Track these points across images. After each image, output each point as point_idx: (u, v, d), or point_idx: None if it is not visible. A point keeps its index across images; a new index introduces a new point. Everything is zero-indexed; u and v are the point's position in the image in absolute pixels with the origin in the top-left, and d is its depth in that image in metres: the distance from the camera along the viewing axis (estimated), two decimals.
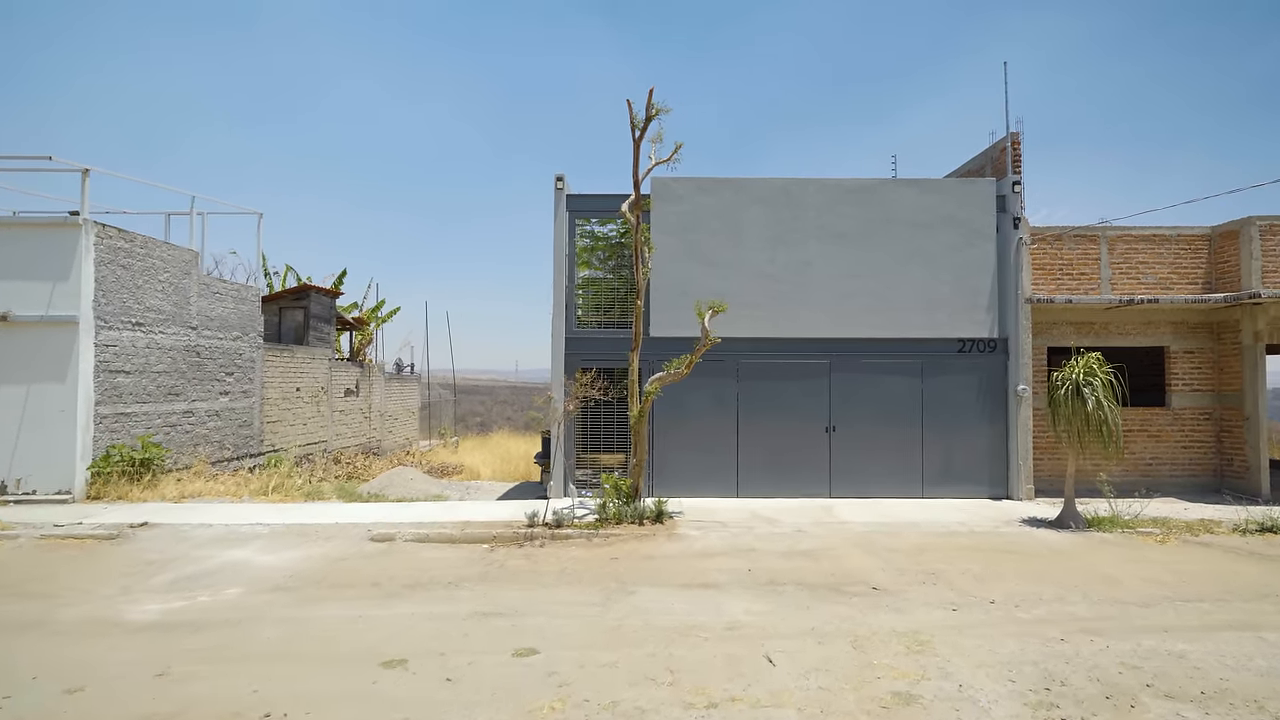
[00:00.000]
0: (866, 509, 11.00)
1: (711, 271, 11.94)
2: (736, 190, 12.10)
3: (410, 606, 6.43)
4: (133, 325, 12.83)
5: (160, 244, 13.61)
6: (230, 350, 15.68)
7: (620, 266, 12.40)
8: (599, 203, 12.07)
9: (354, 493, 12.28)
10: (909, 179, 12.17)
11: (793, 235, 12.09)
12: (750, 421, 11.95)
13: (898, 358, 12.03)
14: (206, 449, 14.69)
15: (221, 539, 9.18)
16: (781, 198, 12.12)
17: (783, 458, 11.91)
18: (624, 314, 12.20)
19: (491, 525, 9.80)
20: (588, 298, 12.25)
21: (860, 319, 12.02)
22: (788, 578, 7.42)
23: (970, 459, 11.94)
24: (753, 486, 11.87)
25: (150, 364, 13.22)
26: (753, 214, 12.11)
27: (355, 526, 9.80)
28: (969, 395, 12.03)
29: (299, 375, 18.89)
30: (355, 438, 22.70)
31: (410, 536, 9.29)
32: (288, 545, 8.88)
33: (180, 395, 14.04)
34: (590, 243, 12.37)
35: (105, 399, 12.20)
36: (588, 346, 11.94)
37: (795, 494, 11.83)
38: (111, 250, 12.38)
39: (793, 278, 12.06)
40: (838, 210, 12.10)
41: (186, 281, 14.32)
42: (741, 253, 12.08)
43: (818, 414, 11.99)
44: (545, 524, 9.66)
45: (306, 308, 19.90)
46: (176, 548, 8.75)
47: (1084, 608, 6.30)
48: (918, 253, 12.08)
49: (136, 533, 9.40)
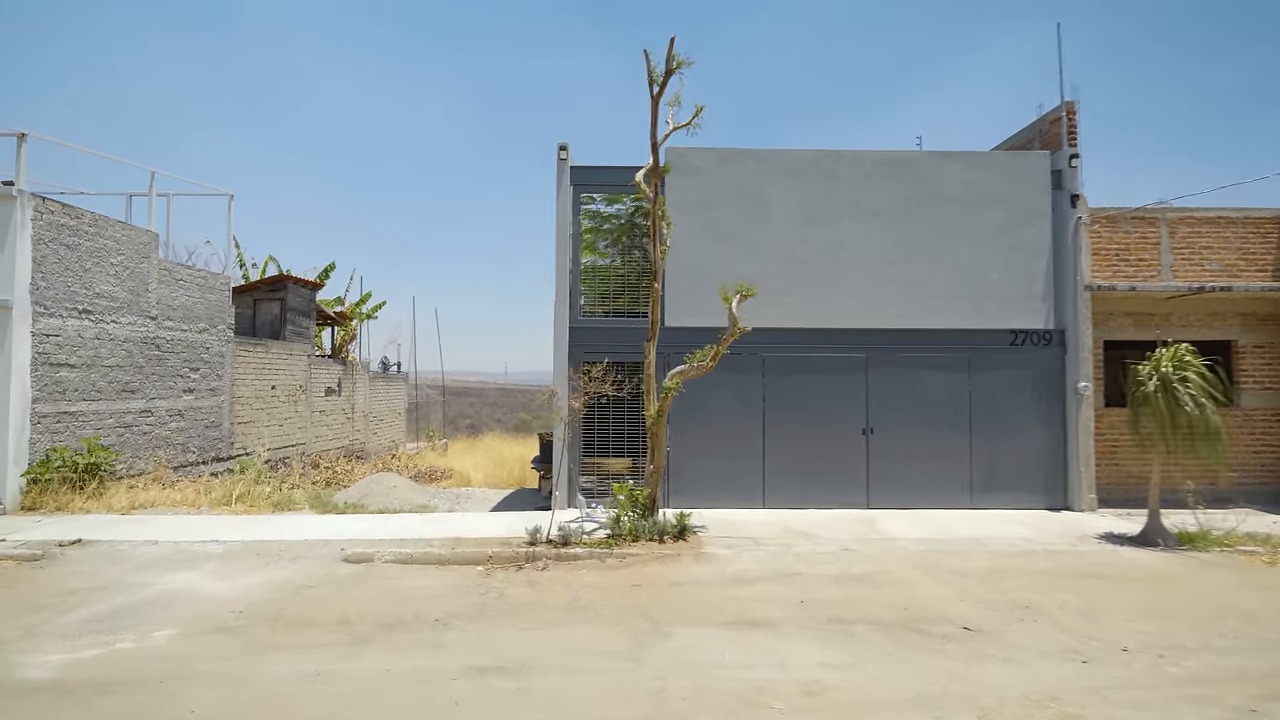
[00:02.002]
0: (912, 522, 9.70)
1: (733, 253, 10.61)
2: (761, 162, 10.79)
3: (385, 658, 5.04)
4: (79, 313, 11.35)
5: (113, 223, 12.14)
6: (196, 343, 14.19)
7: (631, 248, 11.04)
8: (607, 175, 10.71)
9: (329, 503, 10.85)
10: (953, 151, 10.90)
11: (825, 213, 10.79)
12: (777, 423, 10.62)
13: (942, 351, 10.74)
14: (168, 452, 13.21)
15: (166, 560, 7.75)
16: (812, 171, 10.82)
17: (814, 463, 10.59)
18: (634, 301, 10.86)
19: (486, 542, 8.41)
20: (594, 284, 10.88)
21: (900, 307, 10.73)
22: (852, 613, 6.08)
23: (1023, 465, 10.67)
24: (780, 496, 10.54)
25: (100, 357, 11.74)
26: (780, 189, 10.80)
27: (327, 544, 8.38)
28: (1021, 393, 10.75)
29: (274, 372, 17.40)
30: (337, 440, 21.21)
31: (391, 557, 7.89)
32: (244, 568, 7.46)
33: (137, 393, 12.56)
34: (595, 224, 11.00)
35: (45, 396, 10.71)
36: (594, 338, 10.57)
37: (828, 504, 10.51)
38: (53, 227, 10.90)
39: (825, 261, 10.75)
40: (875, 185, 10.81)
41: (145, 266, 12.84)
42: (767, 232, 10.76)
43: (853, 414, 10.68)
44: (549, 541, 8.29)
45: (283, 300, 18.41)
46: (110, 572, 7.31)
47: (1245, 658, 5.00)
48: (964, 234, 10.81)
49: (65, 552, 7.94)
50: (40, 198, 10.67)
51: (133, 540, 8.44)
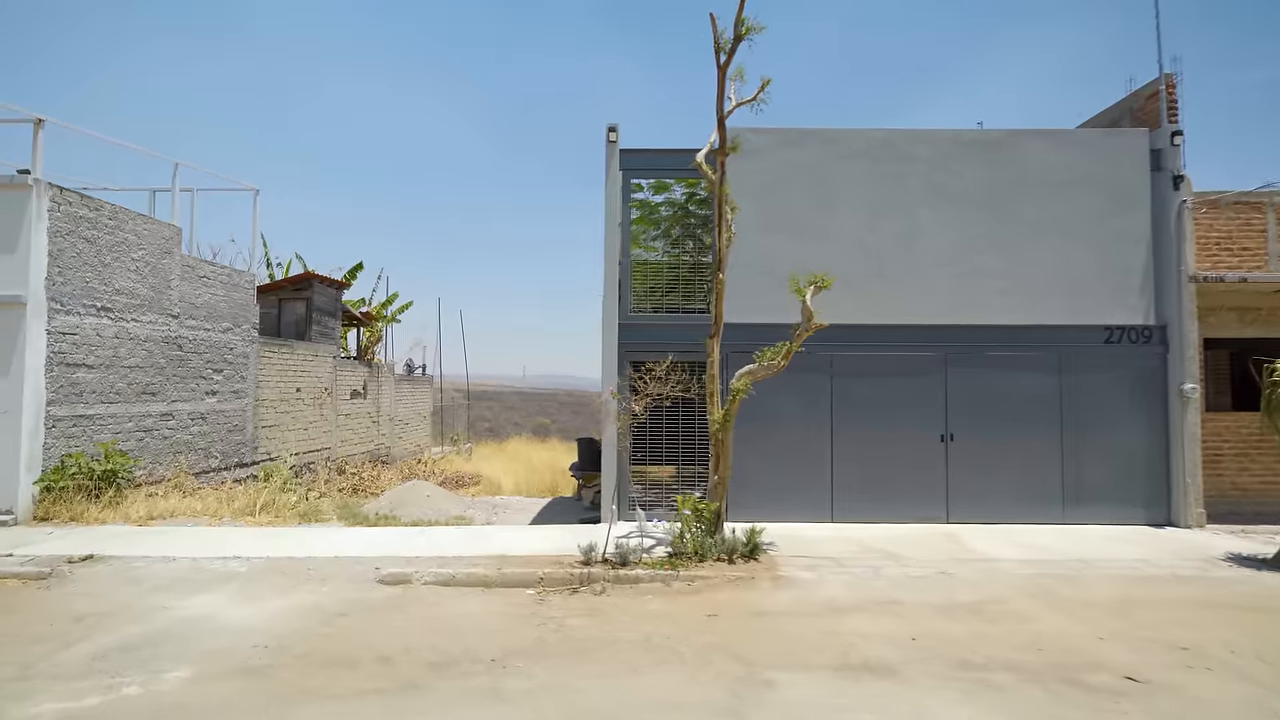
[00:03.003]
0: (1003, 539, 8.70)
1: (796, 243, 9.69)
2: (827, 143, 9.87)
3: (438, 712, 4.19)
4: (97, 310, 10.71)
5: (134, 216, 11.51)
6: (219, 343, 13.55)
7: (683, 238, 10.17)
8: (661, 159, 9.86)
9: (359, 513, 10.08)
10: (1040, 129, 9.90)
11: (897, 198, 9.84)
12: (846, 429, 9.67)
13: (1029, 349, 9.73)
14: (189, 458, 12.55)
15: (184, 580, 6.99)
16: (883, 152, 9.88)
17: (887, 474, 9.63)
18: (686, 296, 9.98)
19: (535, 561, 7.57)
20: (642, 278, 10.02)
21: (982, 302, 9.74)
22: (980, 654, 5.14)
23: (1120, 475, 9.61)
24: (850, 509, 9.59)
25: (120, 357, 11.09)
26: (847, 172, 9.87)
27: (359, 562, 7.58)
28: (1117, 396, 9.71)
29: (300, 374, 16.76)
30: (362, 444, 20.56)
31: (431, 578, 7.06)
32: (270, 590, 6.67)
33: (158, 395, 11.91)
34: (642, 213, 10.15)
35: (61, 398, 10.06)
36: (644, 335, 9.70)
37: (903, 518, 9.53)
38: (71, 219, 10.27)
39: (898, 251, 9.80)
40: (952, 168, 9.84)
41: (167, 262, 12.21)
42: (834, 220, 9.83)
43: (930, 419, 9.70)
44: (605, 560, 7.42)
45: (309, 299, 17.78)
46: (121, 594, 6.56)
47: None
48: (1053, 220, 9.79)
49: (75, 571, 7.21)
50: (58, 188, 10.04)
51: (149, 556, 7.70)
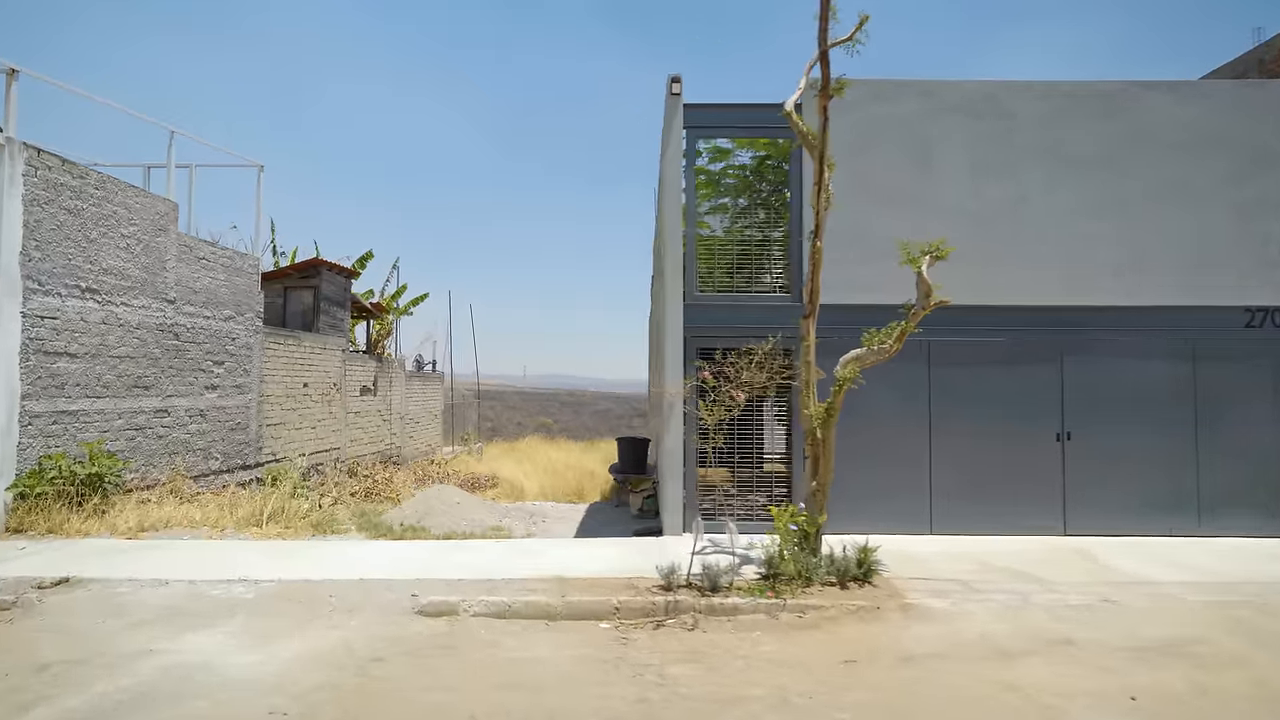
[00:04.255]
0: (1144, 555, 7.40)
1: (888, 211, 8.39)
2: (926, 96, 8.56)
3: None
4: (82, 291, 9.40)
5: (124, 186, 10.20)
6: (220, 333, 12.24)
7: (755, 206, 8.86)
8: (731, 115, 8.55)
9: (380, 523, 8.77)
10: (1164, 81, 8.59)
11: (1003, 159, 8.53)
12: (947, 426, 8.37)
13: (1157, 334, 8.43)
14: (186, 459, 11.24)
15: (178, 610, 5.68)
16: (986, 108, 8.57)
17: (993, 477, 8.33)
18: (759, 273, 8.69)
19: (601, 585, 6.26)
20: (705, 254, 8.70)
21: (1102, 280, 8.43)
22: None
23: (1267, 479, 8.30)
24: (951, 518, 8.29)
25: (107, 345, 9.78)
26: (946, 130, 8.56)
27: (390, 586, 6.27)
28: (1261, 387, 8.40)
29: (307, 368, 15.46)
30: (372, 444, 19.26)
31: (482, 608, 5.75)
32: (284, 625, 5.36)
33: (152, 389, 10.60)
34: (706, 179, 8.83)
35: (38, 391, 8.75)
36: (714, 318, 8.40)
37: (1012, 529, 8.23)
38: (50, 186, 8.96)
39: (1003, 219, 8.49)
40: (1066, 125, 8.54)
41: (162, 241, 10.90)
42: (930, 184, 8.53)
43: (1042, 414, 8.40)
44: (689, 584, 6.11)
45: (317, 288, 16.48)
46: (100, 631, 5.25)
47: None
48: (1181, 185, 8.49)
49: (45, 599, 5.90)
50: (34, 148, 8.73)
51: (137, 579, 6.38)
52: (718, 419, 6.44)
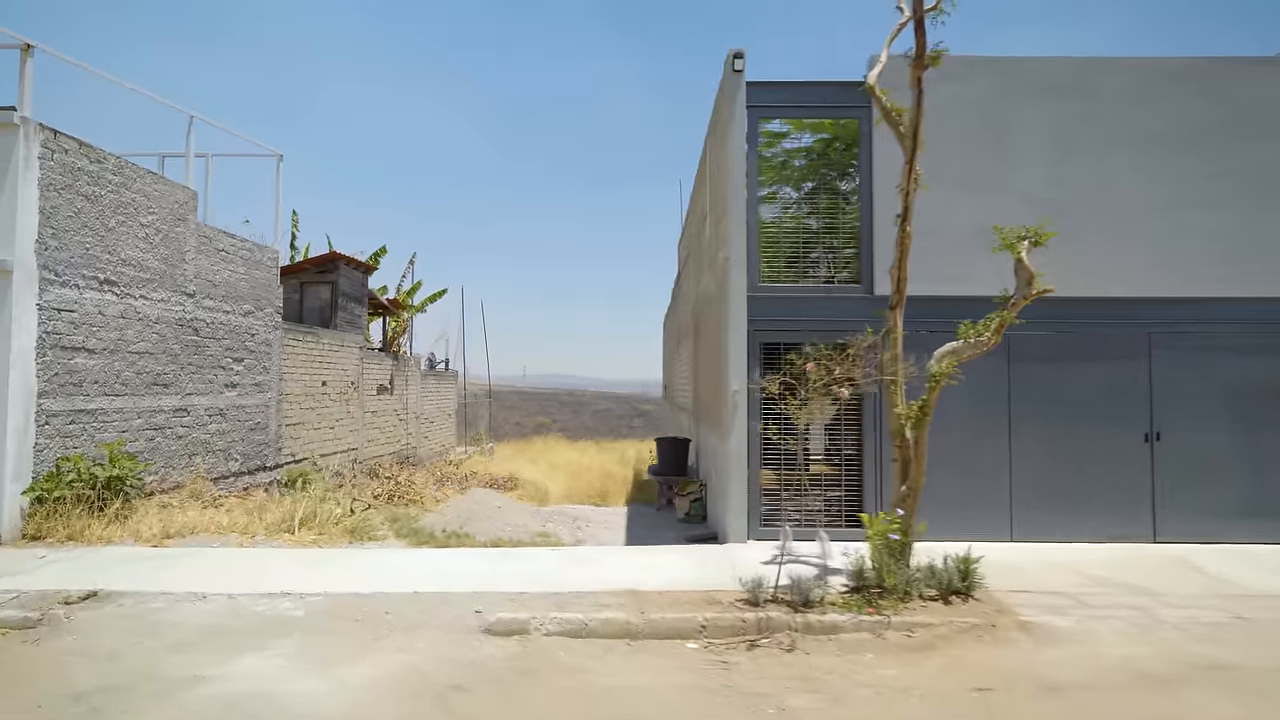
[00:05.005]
0: (1251, 564, 6.88)
1: (963, 197, 7.87)
2: (1003, 75, 8.04)
3: None
4: (100, 283, 8.86)
5: (143, 173, 9.66)
6: (240, 329, 11.71)
7: (819, 191, 8.32)
8: (798, 94, 8.03)
9: (419, 529, 8.23)
10: (1259, 57, 8.08)
11: (1086, 141, 8.01)
12: (1026, 425, 7.85)
13: (1256, 327, 7.90)
14: (206, 460, 10.70)
15: (221, 628, 5.15)
16: (1067, 86, 8.05)
17: (1075, 480, 7.81)
18: (825, 264, 8.16)
19: (676, 599, 5.73)
20: (769, 241, 8.17)
21: (1195, 269, 7.91)
22: None
23: None
24: (1031, 525, 7.77)
25: (126, 340, 9.24)
26: (1023, 111, 8.05)
27: (448, 600, 5.74)
28: None
29: (325, 366, 14.92)
30: (389, 444, 18.72)
31: (555, 626, 5.22)
32: (342, 646, 4.83)
33: (171, 387, 10.06)
34: (768, 161, 8.30)
35: (56, 389, 8.21)
36: (779, 310, 7.88)
37: (1097, 536, 7.72)
38: (67, 171, 8.42)
39: (1085, 206, 7.97)
40: (1154, 104, 8.02)
41: (181, 231, 10.36)
42: (1007, 168, 8.01)
43: (1129, 413, 7.88)
44: (777, 598, 5.59)
45: (335, 283, 15.94)
46: (138, 653, 4.72)
47: None
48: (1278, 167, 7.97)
49: (74, 615, 5.36)
50: (51, 130, 8.18)
51: (170, 592, 5.85)
52: (807, 414, 5.92)
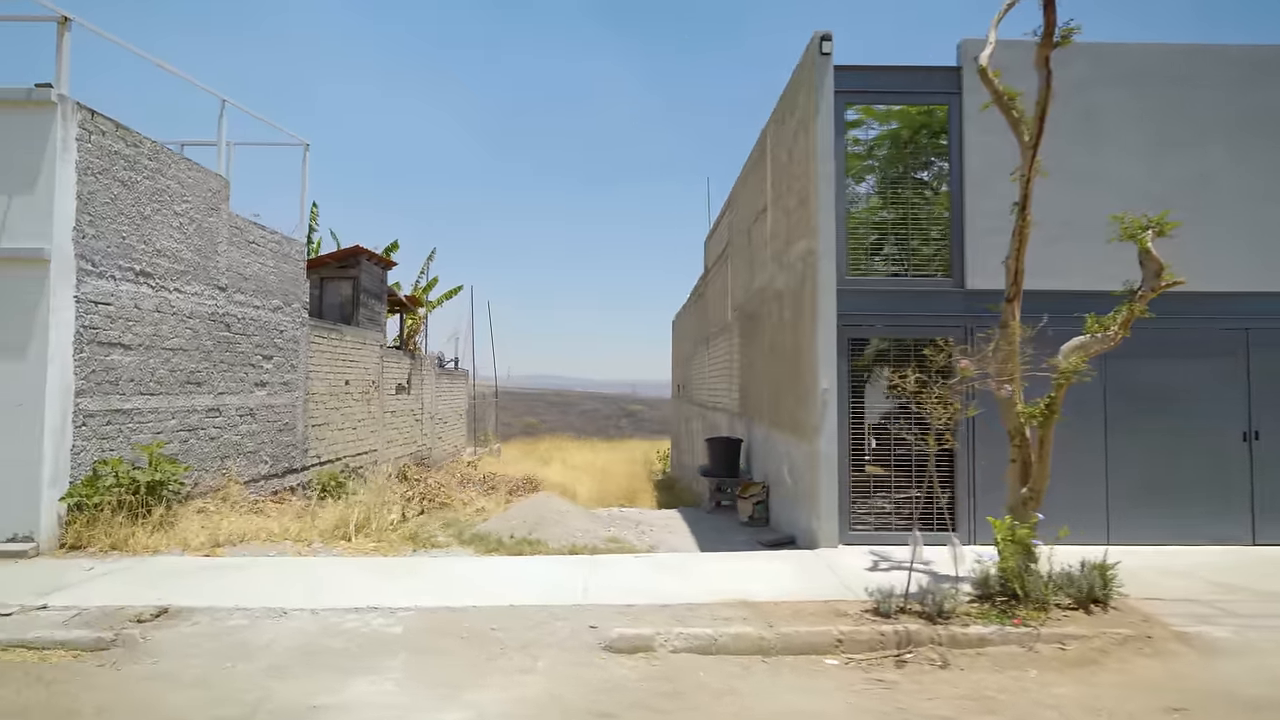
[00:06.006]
0: None
1: (1054, 188, 7.50)
2: (1094, 63, 7.74)
3: None
4: (135, 275, 8.32)
5: (177, 158, 9.13)
6: (269, 325, 11.18)
7: (903, 180, 7.98)
8: (886, 79, 7.69)
9: (486, 537, 7.78)
10: None
11: (1183, 133, 7.75)
12: (1122, 424, 7.57)
13: None
14: (237, 463, 10.17)
15: (316, 649, 4.69)
16: (1160, 75, 7.78)
17: (1171, 480, 7.54)
18: (912, 256, 7.83)
19: (796, 609, 5.35)
20: (855, 231, 7.83)
21: None
22: None
23: None
24: (1127, 527, 7.47)
25: (161, 336, 8.71)
26: (1115, 100, 7.76)
27: (550, 611, 5.32)
28: None
29: (348, 364, 14.40)
30: (406, 445, 18.20)
31: (681, 643, 4.82)
32: (459, 667, 4.40)
33: (204, 385, 9.53)
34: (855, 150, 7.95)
35: (93, 387, 7.68)
36: (866, 304, 7.54)
37: (1194, 538, 7.45)
38: (104, 154, 7.89)
39: (1182, 199, 7.64)
40: (1254, 93, 7.78)
41: (213, 221, 9.83)
42: (1097, 159, 7.72)
43: (1226, 412, 7.62)
44: (906, 608, 5.22)
45: (356, 279, 15.41)
46: (234, 678, 4.25)
47: None
48: None
49: (150, 635, 4.87)
50: (88, 110, 7.65)
51: (246, 608, 5.38)
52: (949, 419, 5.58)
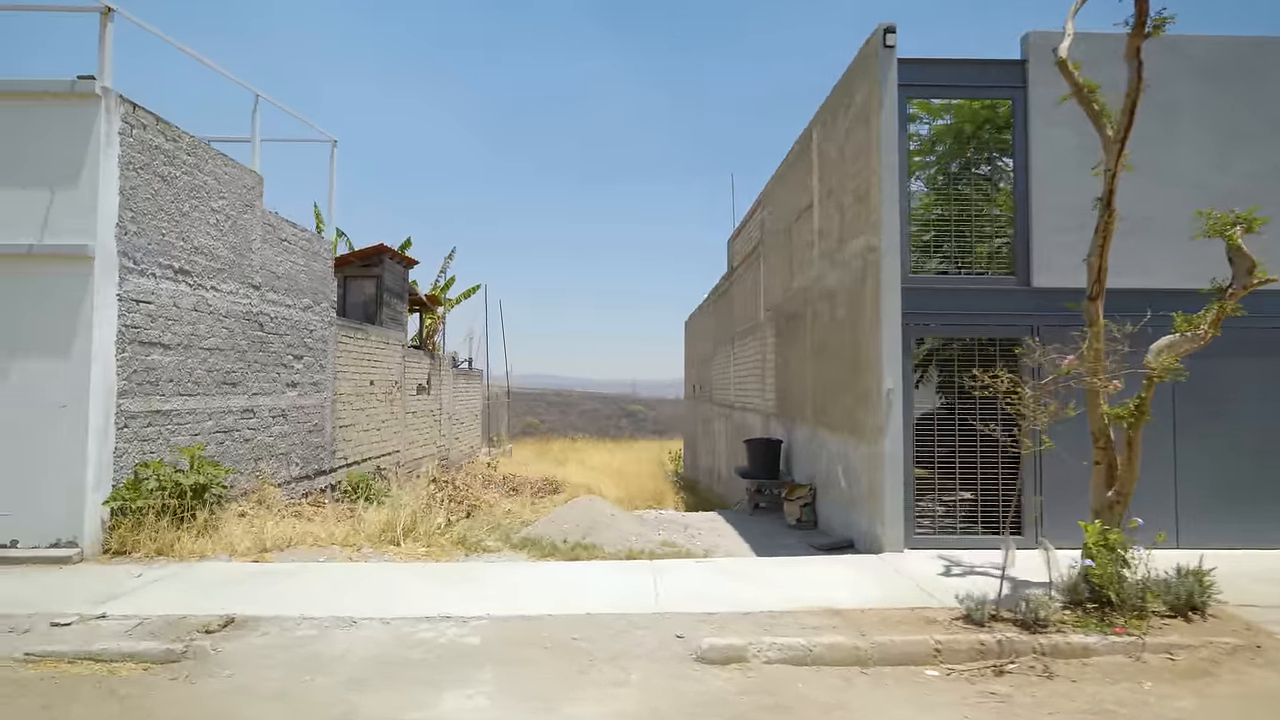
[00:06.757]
0: None
1: (1125, 183, 7.35)
2: (1167, 53, 7.44)
3: None
4: (174, 273, 8.13)
5: (214, 154, 8.93)
6: (300, 324, 10.99)
7: (964, 175, 7.80)
8: (951, 73, 7.51)
9: (538, 541, 7.58)
10: None
11: (1257, 126, 7.57)
12: (1192, 425, 7.38)
13: None
14: (270, 464, 9.98)
15: (394, 661, 4.50)
16: (1231, 68, 7.60)
17: (1243, 483, 7.36)
18: (976, 253, 7.64)
19: (883, 617, 5.15)
20: (917, 228, 7.64)
21: None
22: None
23: None
24: (1197, 529, 7.27)
25: (198, 335, 8.52)
26: (1187, 92, 7.58)
27: (629, 620, 5.13)
28: None
29: (373, 364, 14.20)
30: (425, 446, 18.00)
31: (775, 654, 4.63)
32: (548, 680, 4.21)
33: (239, 385, 9.34)
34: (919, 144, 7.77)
35: (134, 388, 7.48)
36: (928, 302, 7.36)
37: (1269, 542, 7.26)
38: (146, 149, 7.69)
39: (1256, 195, 7.41)
40: None
41: (248, 219, 9.64)
42: (1168, 154, 7.53)
43: None
44: (999, 615, 5.03)
45: (380, 278, 15.21)
46: (314, 692, 4.06)
47: None
48: None
49: (219, 646, 4.67)
50: (130, 103, 7.45)
51: (312, 617, 5.18)
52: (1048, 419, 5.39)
